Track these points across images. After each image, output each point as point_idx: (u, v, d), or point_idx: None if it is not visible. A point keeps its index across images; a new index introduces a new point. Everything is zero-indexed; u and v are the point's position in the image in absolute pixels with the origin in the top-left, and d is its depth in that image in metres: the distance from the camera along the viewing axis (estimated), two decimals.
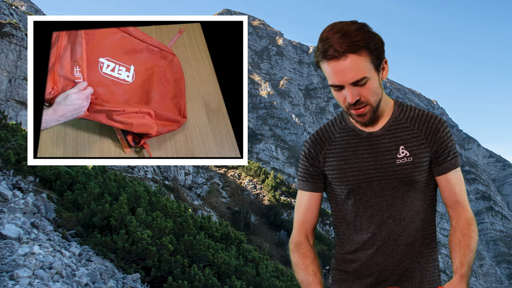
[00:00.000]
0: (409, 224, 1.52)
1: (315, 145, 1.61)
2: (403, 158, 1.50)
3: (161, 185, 28.72)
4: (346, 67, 1.36)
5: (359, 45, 1.35)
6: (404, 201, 1.52)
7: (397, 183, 1.51)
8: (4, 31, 28.91)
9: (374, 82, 1.42)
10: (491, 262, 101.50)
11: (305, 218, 1.63)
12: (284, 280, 11.07)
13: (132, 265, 7.13)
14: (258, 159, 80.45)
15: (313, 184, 1.61)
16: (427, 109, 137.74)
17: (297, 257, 1.57)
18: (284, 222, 39.49)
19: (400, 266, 1.53)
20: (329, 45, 1.35)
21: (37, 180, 9.16)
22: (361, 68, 1.37)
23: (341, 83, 1.39)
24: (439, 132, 1.53)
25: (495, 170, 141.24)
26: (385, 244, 1.52)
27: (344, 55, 1.35)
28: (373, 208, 1.53)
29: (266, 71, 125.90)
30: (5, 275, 4.39)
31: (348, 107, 1.45)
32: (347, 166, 1.54)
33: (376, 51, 1.40)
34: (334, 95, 1.47)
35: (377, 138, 1.53)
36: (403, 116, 1.55)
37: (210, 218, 11.33)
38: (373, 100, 1.44)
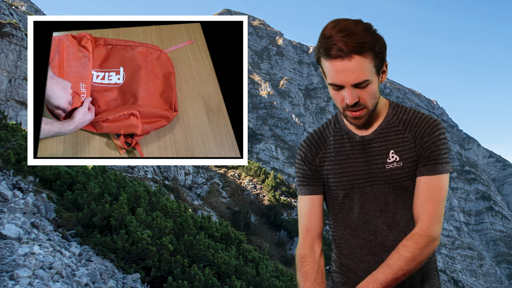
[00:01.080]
0: (404, 230, 1.49)
1: (311, 149, 1.59)
2: (392, 162, 1.47)
3: (161, 185, 28.72)
4: (349, 67, 1.33)
5: (365, 47, 1.32)
6: (397, 207, 1.49)
7: (388, 188, 1.48)
8: (4, 31, 28.91)
9: (374, 86, 1.40)
10: (491, 262, 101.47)
11: (310, 225, 1.59)
12: (284, 280, 11.07)
13: (132, 265, 7.13)
14: (258, 159, 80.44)
15: (313, 187, 1.59)
16: (427, 109, 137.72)
17: (299, 277, 1.54)
18: (284, 222, 39.48)
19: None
20: (333, 43, 1.32)
21: (37, 180, 9.16)
22: (365, 71, 1.34)
23: (342, 84, 1.36)
24: (426, 135, 1.46)
25: (495, 170, 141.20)
26: (381, 251, 1.50)
27: (349, 56, 1.32)
28: (367, 214, 1.50)
29: (266, 71, 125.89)
30: (5, 275, 4.39)
31: (345, 108, 1.42)
32: (341, 171, 1.52)
33: (380, 54, 1.37)
34: (331, 94, 1.43)
35: (369, 142, 1.51)
36: (396, 119, 1.52)
37: (210, 218, 11.33)
38: (371, 104, 1.42)
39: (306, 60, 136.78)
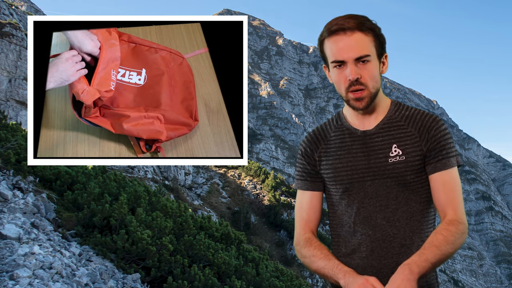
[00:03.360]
0: (404, 226, 1.48)
1: (311, 144, 1.61)
2: (395, 156, 1.47)
3: (161, 185, 28.71)
4: (351, 42, 1.40)
5: (366, 26, 1.41)
6: (398, 202, 1.48)
7: (390, 182, 1.48)
8: (4, 31, 28.90)
9: (375, 68, 1.44)
10: (491, 262, 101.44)
11: (309, 217, 1.60)
12: (284, 280, 11.07)
13: (132, 265, 7.13)
14: (258, 159, 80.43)
15: (312, 183, 1.60)
16: (427, 109, 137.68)
17: (312, 249, 1.51)
18: (284, 222, 39.48)
19: (396, 269, 1.45)
20: (335, 23, 1.42)
21: (37, 180, 9.16)
22: (366, 46, 1.41)
23: (344, 59, 1.40)
24: (432, 130, 1.48)
25: (495, 170, 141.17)
26: (380, 247, 1.48)
27: (351, 31, 1.39)
28: (366, 209, 1.50)
29: (266, 71, 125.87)
30: (5, 275, 4.39)
31: (347, 89, 1.44)
32: (341, 165, 1.52)
33: (381, 37, 1.44)
34: (333, 77, 1.47)
35: (371, 136, 1.51)
36: (398, 114, 1.53)
37: (210, 218, 11.32)
38: (372, 86, 1.44)
39: (306, 60, 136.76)
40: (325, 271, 1.44)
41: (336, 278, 1.40)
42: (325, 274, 1.45)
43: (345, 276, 1.37)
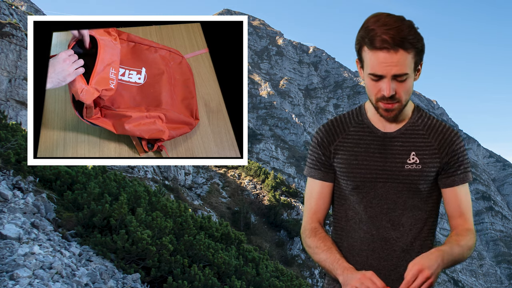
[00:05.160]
0: (407, 231, 1.51)
1: (328, 135, 1.59)
2: (412, 164, 1.49)
3: (161, 185, 28.71)
4: (393, 60, 1.37)
5: (410, 43, 1.37)
6: (405, 208, 1.50)
7: (401, 188, 1.49)
8: (4, 31, 28.90)
9: (411, 82, 1.44)
10: (491, 262, 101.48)
11: (317, 207, 1.61)
12: (284, 280, 11.07)
13: (132, 265, 7.13)
14: (258, 159, 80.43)
15: (325, 174, 1.60)
16: (427, 109, 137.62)
17: (316, 240, 1.53)
18: (284, 222, 39.48)
19: (394, 272, 1.51)
20: (378, 35, 1.37)
21: (37, 180, 9.16)
22: (406, 65, 1.39)
23: (384, 74, 1.39)
24: (453, 144, 1.52)
25: (495, 170, 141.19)
26: (381, 248, 1.50)
27: (395, 49, 1.36)
28: (373, 209, 1.51)
29: (266, 71, 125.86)
30: (5, 275, 4.39)
31: (379, 99, 1.44)
32: (356, 162, 1.52)
33: (421, 52, 1.42)
34: (367, 85, 1.46)
35: (391, 139, 1.52)
36: (421, 122, 1.54)
37: (210, 218, 11.32)
38: (405, 99, 1.45)
39: (306, 60, 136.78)
40: (326, 264, 1.48)
41: (335, 273, 1.43)
42: (325, 267, 1.48)
43: (343, 273, 1.40)
